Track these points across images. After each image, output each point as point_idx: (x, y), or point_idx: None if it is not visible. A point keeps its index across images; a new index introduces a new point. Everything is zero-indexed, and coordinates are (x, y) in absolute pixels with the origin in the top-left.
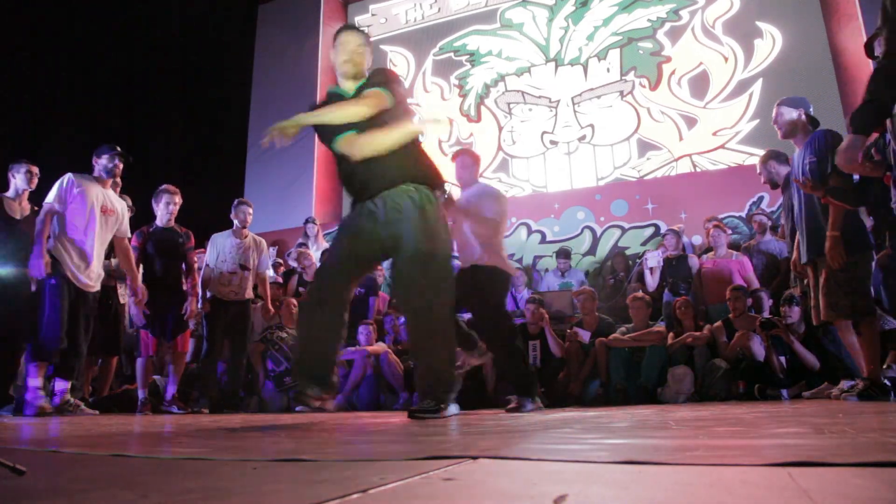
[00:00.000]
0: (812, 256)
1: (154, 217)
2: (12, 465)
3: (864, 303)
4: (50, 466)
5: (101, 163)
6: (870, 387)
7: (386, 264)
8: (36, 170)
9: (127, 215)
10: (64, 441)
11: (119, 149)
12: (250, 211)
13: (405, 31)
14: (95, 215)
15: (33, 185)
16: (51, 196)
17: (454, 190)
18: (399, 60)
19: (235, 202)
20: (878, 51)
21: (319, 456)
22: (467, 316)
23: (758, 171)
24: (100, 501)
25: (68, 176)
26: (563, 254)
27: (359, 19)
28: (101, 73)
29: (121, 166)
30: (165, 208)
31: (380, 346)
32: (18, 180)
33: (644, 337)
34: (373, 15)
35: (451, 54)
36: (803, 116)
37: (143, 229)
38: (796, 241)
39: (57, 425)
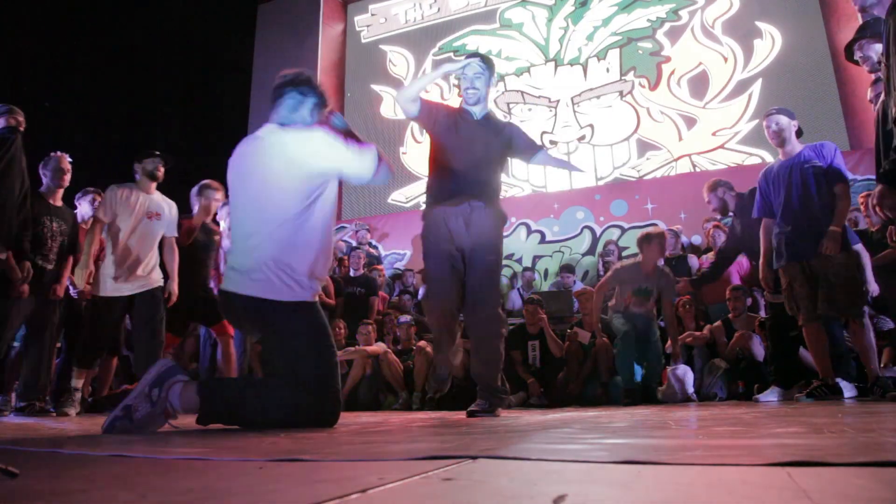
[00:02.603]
0: (808, 257)
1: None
2: (5, 468)
3: (863, 301)
4: (49, 467)
5: (143, 166)
6: (878, 383)
7: (391, 265)
8: None
9: (175, 216)
10: (63, 441)
11: (159, 153)
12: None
13: (405, 31)
14: (140, 221)
15: None
16: (97, 209)
17: None
18: (398, 60)
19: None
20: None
21: (319, 456)
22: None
23: (706, 199)
24: (100, 501)
25: (111, 187)
26: (568, 269)
27: (358, 19)
28: (100, 73)
29: (162, 169)
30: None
31: (379, 346)
32: None
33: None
34: (372, 15)
35: (451, 54)
36: (795, 127)
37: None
38: (763, 254)
39: (56, 425)
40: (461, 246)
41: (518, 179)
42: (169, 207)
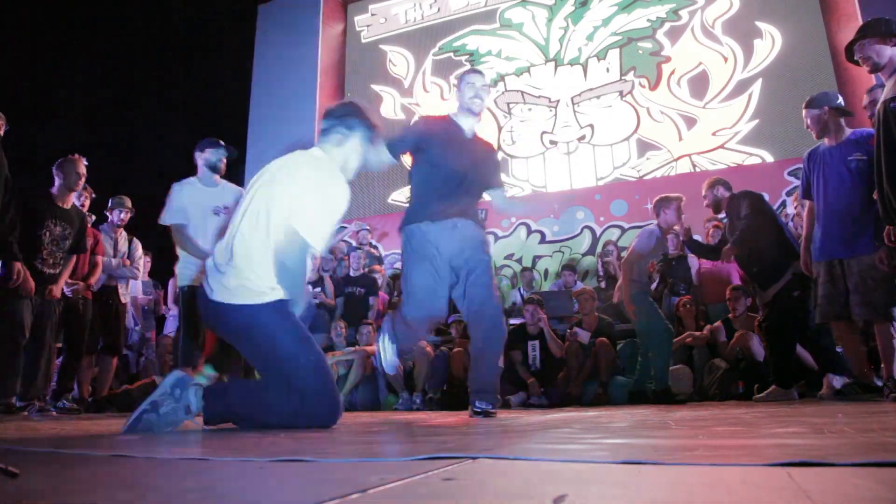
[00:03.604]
0: (841, 254)
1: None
2: (5, 468)
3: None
4: (49, 467)
5: (205, 157)
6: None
7: (391, 265)
8: None
9: None
10: (63, 441)
11: (222, 141)
12: None
13: (405, 31)
14: (205, 220)
15: None
16: (166, 214)
17: None
18: (398, 60)
19: None
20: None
21: (319, 456)
22: None
23: (703, 193)
24: (100, 501)
25: (174, 187)
26: (569, 268)
27: (358, 19)
28: (100, 73)
29: (225, 160)
30: None
31: None
32: None
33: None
34: (372, 15)
35: (451, 54)
36: (827, 111)
37: None
38: (804, 238)
39: (56, 425)
40: (449, 259)
41: (518, 179)
42: (235, 199)
